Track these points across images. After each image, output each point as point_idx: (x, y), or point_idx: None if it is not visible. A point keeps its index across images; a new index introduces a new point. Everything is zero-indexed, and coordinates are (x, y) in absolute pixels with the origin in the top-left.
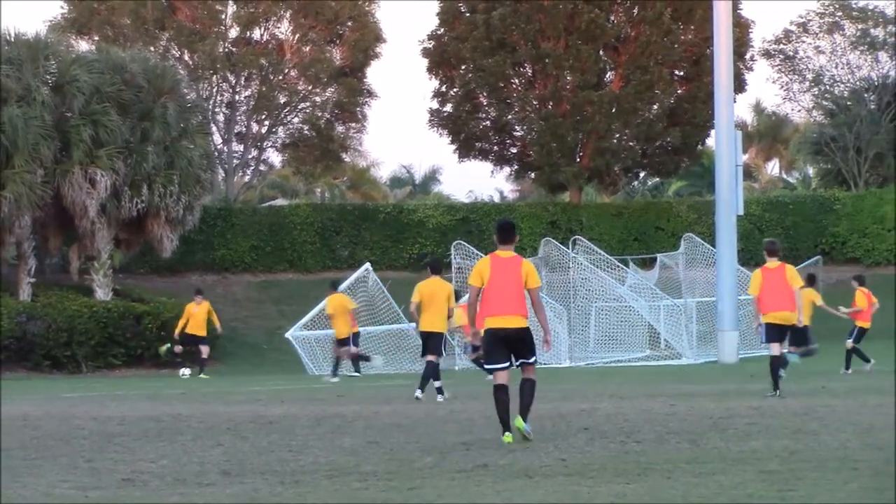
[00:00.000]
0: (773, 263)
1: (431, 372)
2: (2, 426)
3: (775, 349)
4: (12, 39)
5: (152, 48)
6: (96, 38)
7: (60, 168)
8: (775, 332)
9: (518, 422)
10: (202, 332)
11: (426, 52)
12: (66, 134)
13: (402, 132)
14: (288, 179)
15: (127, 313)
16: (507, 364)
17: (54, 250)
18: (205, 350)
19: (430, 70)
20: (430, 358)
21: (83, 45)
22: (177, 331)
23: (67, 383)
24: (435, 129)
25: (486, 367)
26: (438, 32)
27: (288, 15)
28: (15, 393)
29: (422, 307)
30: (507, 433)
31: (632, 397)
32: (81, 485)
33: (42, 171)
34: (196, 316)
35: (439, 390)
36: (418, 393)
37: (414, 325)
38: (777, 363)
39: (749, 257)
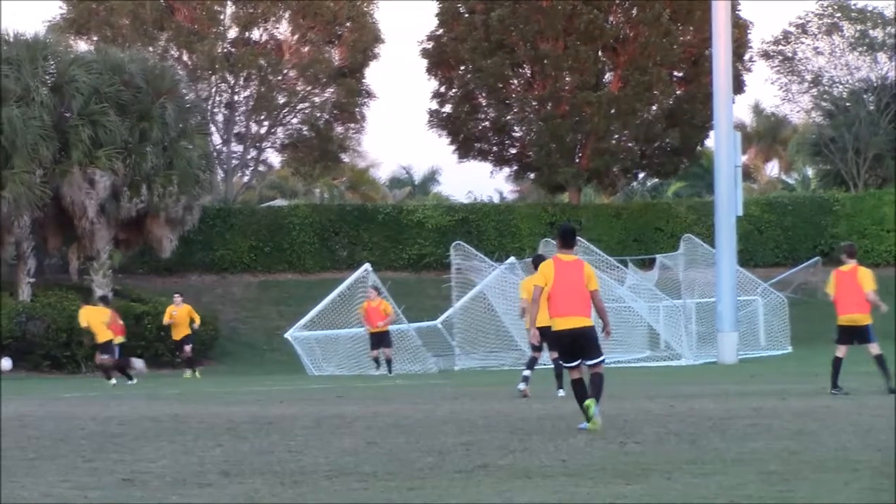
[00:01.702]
0: (847, 266)
1: (559, 367)
2: (1, 427)
3: (839, 351)
4: (11, 40)
5: (151, 49)
6: (95, 39)
7: (59, 168)
8: (844, 335)
9: (590, 402)
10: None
11: (425, 53)
12: (65, 134)
13: (400, 133)
14: (287, 180)
15: (126, 313)
16: (578, 362)
17: (53, 250)
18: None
19: (429, 71)
20: (554, 355)
21: (82, 46)
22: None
23: (67, 383)
24: (434, 129)
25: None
26: (437, 33)
27: (287, 15)
28: (14, 393)
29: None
30: (592, 419)
31: (631, 398)
32: (81, 485)
33: (41, 171)
34: (177, 317)
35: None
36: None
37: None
38: (837, 364)
39: (748, 258)
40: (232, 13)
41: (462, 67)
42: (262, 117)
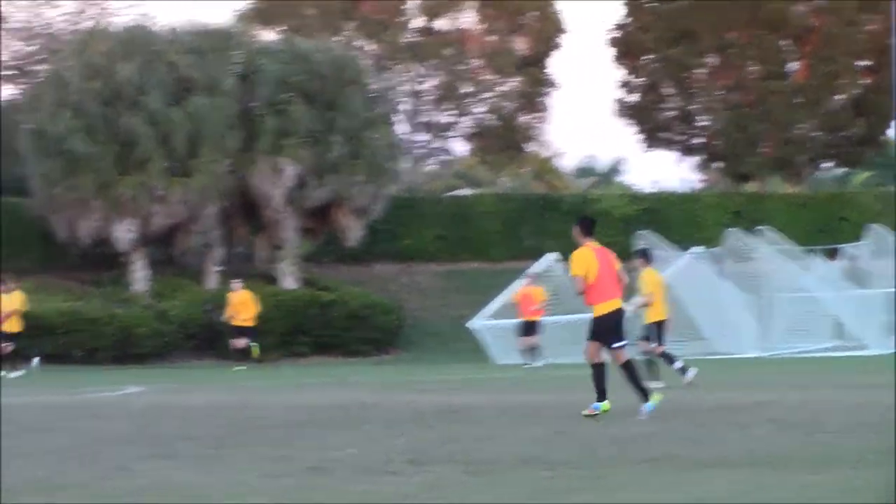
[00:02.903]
0: None
1: (668, 358)
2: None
3: None
4: (199, 30)
5: (337, 38)
6: (283, 29)
7: (246, 158)
8: None
9: (655, 396)
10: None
11: (614, 42)
12: (252, 124)
13: (583, 122)
14: (473, 169)
15: (313, 302)
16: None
17: (241, 239)
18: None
19: (617, 60)
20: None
21: (269, 36)
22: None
23: (253, 372)
24: (622, 118)
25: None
26: (625, 22)
27: (472, 5)
28: (203, 381)
29: (654, 297)
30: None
31: (818, 387)
32: (269, 472)
33: (228, 160)
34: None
35: (682, 370)
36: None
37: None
38: None
39: None
40: (417, 3)
41: (648, 56)
42: (448, 107)
